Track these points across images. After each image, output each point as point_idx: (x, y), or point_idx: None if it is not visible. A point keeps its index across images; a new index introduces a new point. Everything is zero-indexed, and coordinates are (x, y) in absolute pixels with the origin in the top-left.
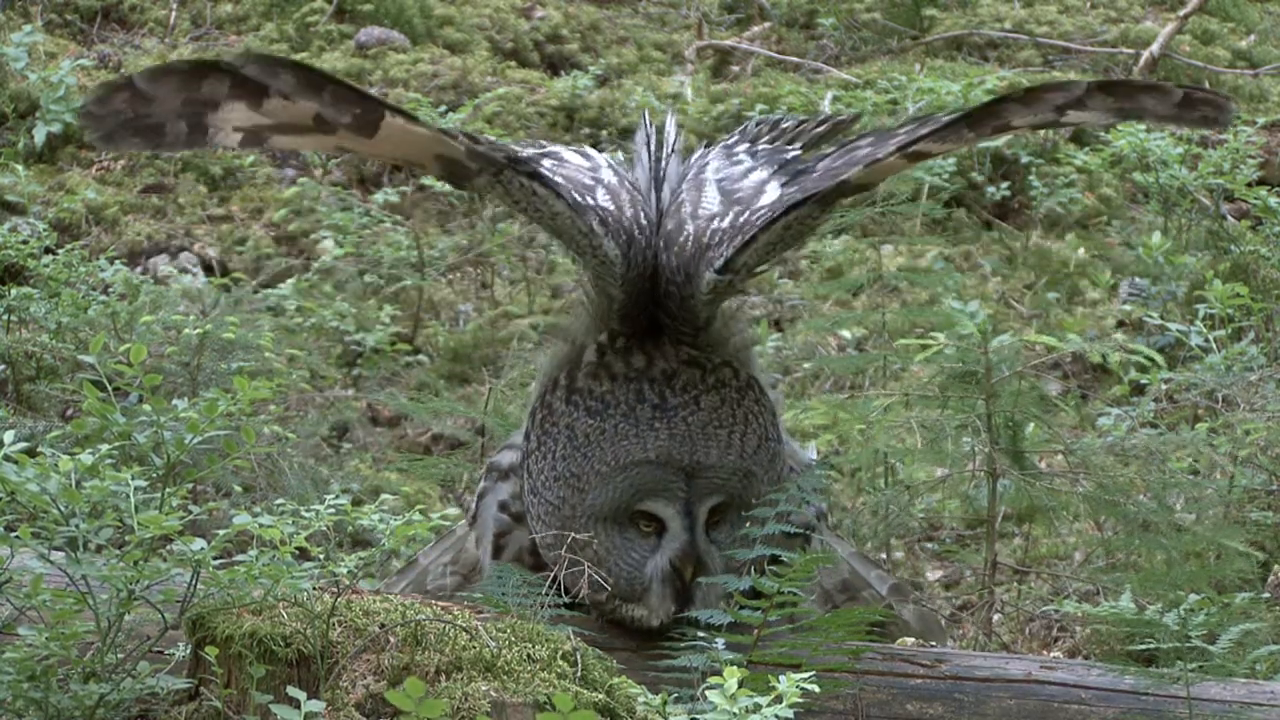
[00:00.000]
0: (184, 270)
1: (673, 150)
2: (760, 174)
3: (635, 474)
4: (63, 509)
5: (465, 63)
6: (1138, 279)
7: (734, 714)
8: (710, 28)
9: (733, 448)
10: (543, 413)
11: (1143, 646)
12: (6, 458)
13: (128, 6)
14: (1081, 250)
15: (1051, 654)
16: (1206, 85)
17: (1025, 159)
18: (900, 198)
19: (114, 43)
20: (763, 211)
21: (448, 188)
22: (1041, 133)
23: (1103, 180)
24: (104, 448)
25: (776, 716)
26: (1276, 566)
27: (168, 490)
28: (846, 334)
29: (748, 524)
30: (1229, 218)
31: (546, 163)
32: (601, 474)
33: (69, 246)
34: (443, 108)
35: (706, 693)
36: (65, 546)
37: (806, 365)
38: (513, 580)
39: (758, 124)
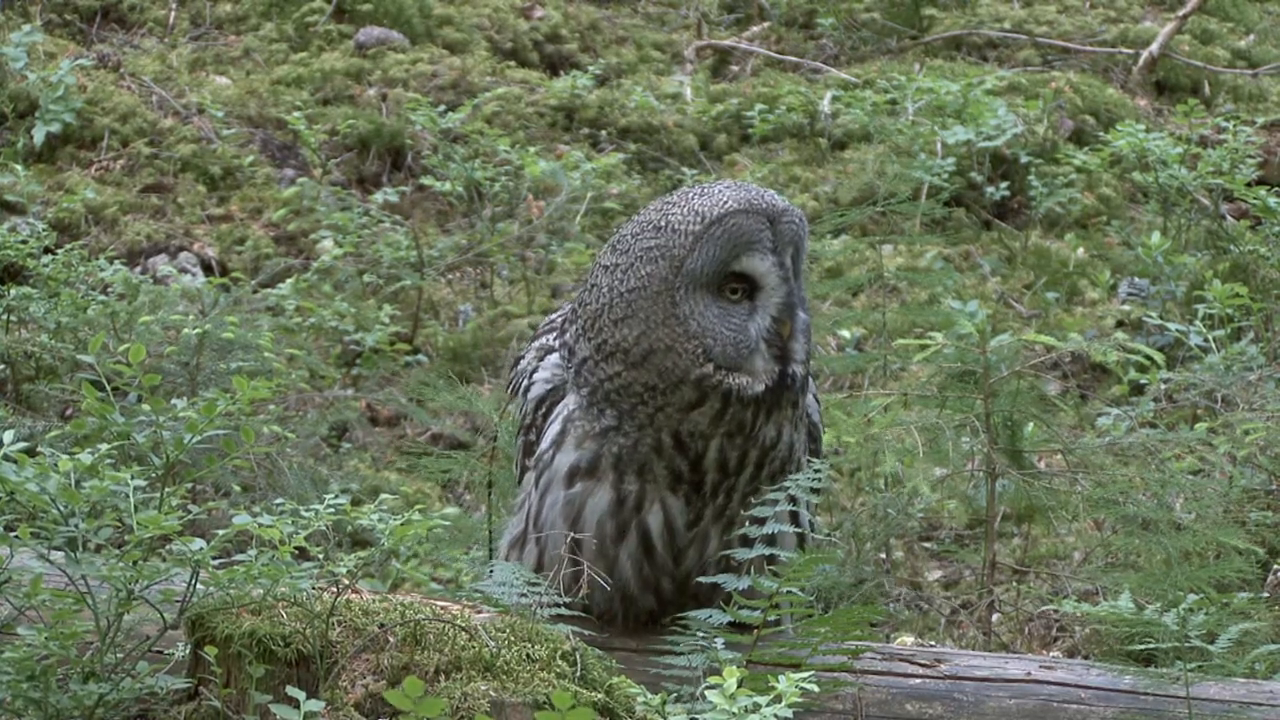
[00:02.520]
0: (183, 270)
1: None
2: None
3: (730, 223)
4: (62, 509)
5: (464, 62)
6: (1137, 279)
7: (733, 714)
8: (709, 27)
9: (789, 204)
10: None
11: (1142, 646)
12: (6, 457)
13: (127, 6)
14: (1081, 250)
15: (1051, 654)
16: (1206, 85)
17: (1025, 159)
18: (900, 197)
19: (113, 42)
20: None
21: (447, 187)
22: (1040, 132)
23: (1102, 180)
24: (103, 447)
25: (776, 716)
26: (1276, 566)
27: (167, 490)
28: (845, 333)
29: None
30: (1228, 217)
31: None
32: (695, 233)
33: (68, 246)
34: (442, 107)
35: (706, 692)
36: (65, 546)
37: None
38: (514, 579)
39: None
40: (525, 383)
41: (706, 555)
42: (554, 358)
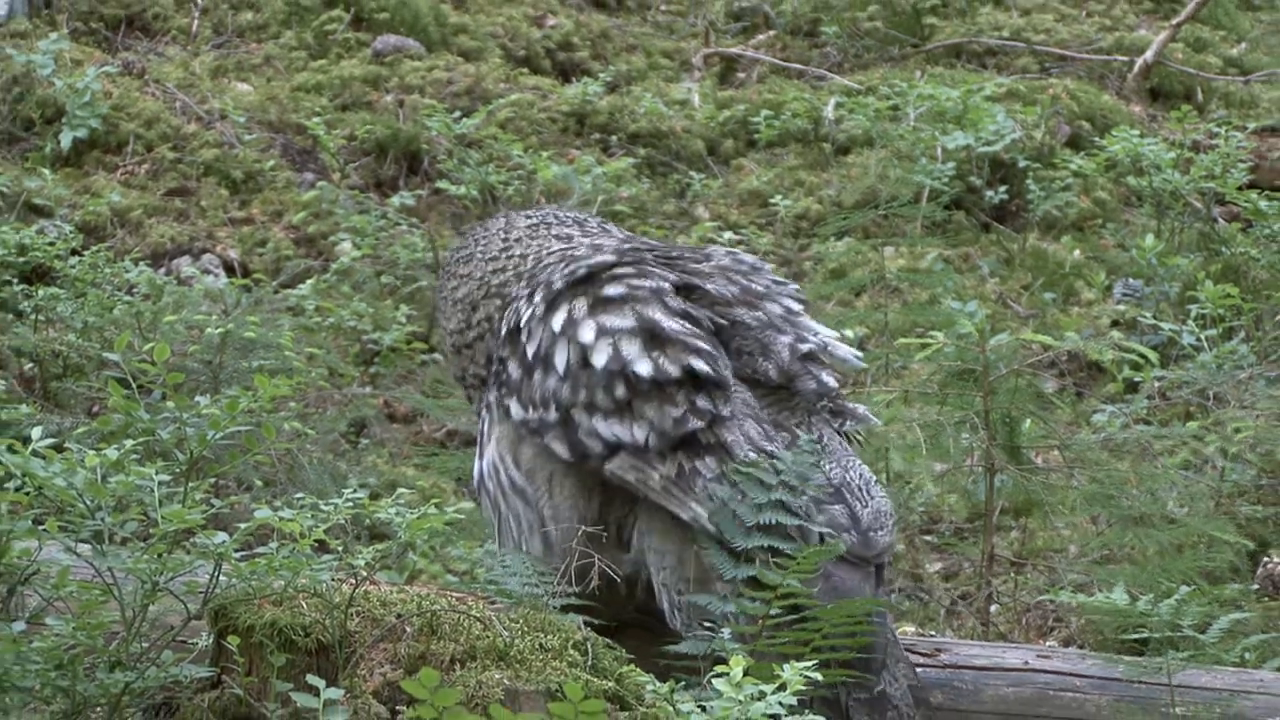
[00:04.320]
0: (206, 271)
1: None
2: None
3: None
4: (89, 503)
5: (478, 69)
6: (1131, 280)
7: (739, 701)
8: (716, 36)
9: None
10: None
11: (1135, 636)
12: (34, 453)
13: (151, 15)
14: (1077, 252)
15: (1047, 643)
16: (1199, 91)
17: (1023, 163)
18: (902, 200)
19: (138, 50)
20: None
21: (462, 190)
22: (1038, 137)
23: (1097, 184)
24: (129, 443)
25: (781, 704)
26: (1265, 558)
27: (190, 485)
28: (849, 332)
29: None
30: (1220, 220)
31: None
32: None
33: (94, 248)
34: (457, 113)
35: (712, 681)
36: (91, 540)
37: None
38: (525, 571)
39: None
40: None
41: None
42: None
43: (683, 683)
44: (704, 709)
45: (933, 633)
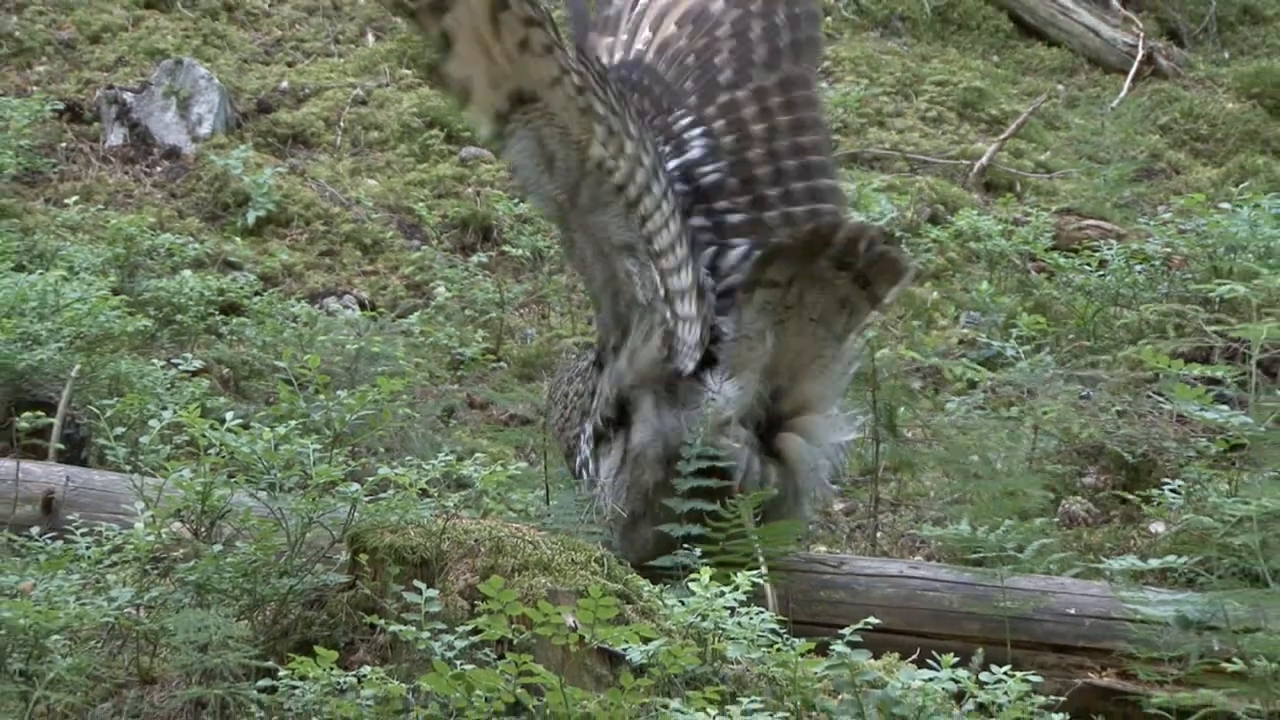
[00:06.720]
0: (346, 307)
1: None
2: None
3: None
4: (265, 464)
5: None
6: (973, 312)
7: (707, 598)
8: None
9: None
10: None
11: (976, 555)
12: (228, 430)
13: (309, 133)
14: (935, 294)
15: (916, 559)
16: (1018, 184)
17: (899, 234)
18: None
19: (299, 156)
20: None
21: (519, 252)
22: (909, 216)
23: (949, 248)
24: (292, 423)
25: (735, 600)
26: (1063, 502)
27: (334, 451)
28: None
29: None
30: (1032, 272)
31: None
32: None
33: (270, 291)
34: (516, 199)
35: (689, 584)
36: (267, 489)
37: None
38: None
39: None
40: None
41: None
42: None
43: (669, 585)
44: (683, 602)
45: (837, 551)
